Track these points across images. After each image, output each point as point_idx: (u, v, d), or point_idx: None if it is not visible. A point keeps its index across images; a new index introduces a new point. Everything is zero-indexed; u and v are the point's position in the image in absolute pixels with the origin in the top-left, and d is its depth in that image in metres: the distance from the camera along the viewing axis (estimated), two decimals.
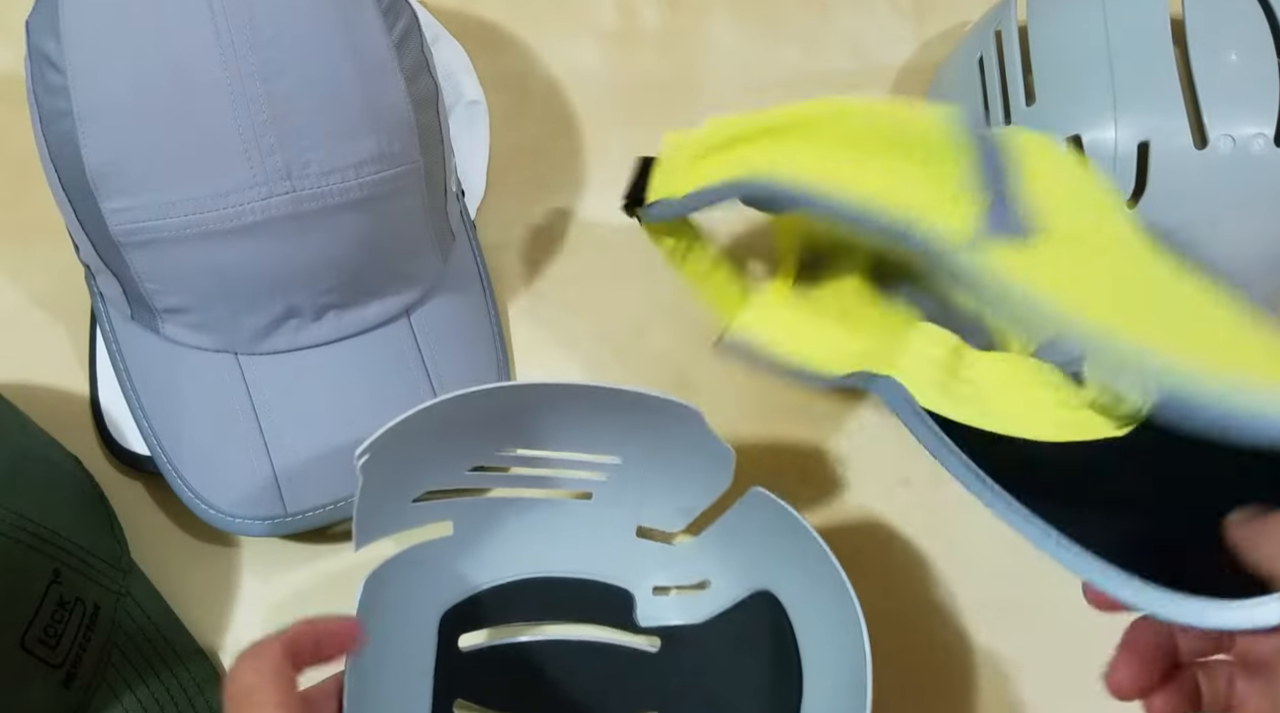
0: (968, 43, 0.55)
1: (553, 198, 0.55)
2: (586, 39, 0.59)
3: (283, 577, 0.46)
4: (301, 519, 0.43)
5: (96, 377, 0.47)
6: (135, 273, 0.42)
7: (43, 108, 0.40)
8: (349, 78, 0.41)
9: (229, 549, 0.47)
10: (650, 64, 0.59)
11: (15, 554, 0.39)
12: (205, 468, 0.43)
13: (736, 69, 0.59)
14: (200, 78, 0.39)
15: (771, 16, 0.61)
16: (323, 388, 0.44)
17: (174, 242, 0.40)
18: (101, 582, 0.42)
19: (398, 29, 0.42)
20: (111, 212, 0.40)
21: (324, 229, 0.41)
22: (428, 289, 0.47)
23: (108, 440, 0.47)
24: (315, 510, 0.43)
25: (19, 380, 0.49)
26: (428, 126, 0.44)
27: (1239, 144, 0.44)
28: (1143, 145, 0.45)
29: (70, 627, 0.40)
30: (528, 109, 0.57)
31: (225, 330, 0.43)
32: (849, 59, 0.60)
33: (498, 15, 0.59)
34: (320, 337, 0.44)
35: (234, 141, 0.39)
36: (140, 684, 0.42)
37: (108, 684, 0.41)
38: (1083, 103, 0.46)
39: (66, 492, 0.44)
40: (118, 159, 0.39)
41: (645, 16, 0.60)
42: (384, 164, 0.42)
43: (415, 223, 0.45)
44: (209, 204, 0.40)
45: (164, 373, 0.44)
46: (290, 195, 0.40)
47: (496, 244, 0.53)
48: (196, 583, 0.46)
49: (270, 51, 0.39)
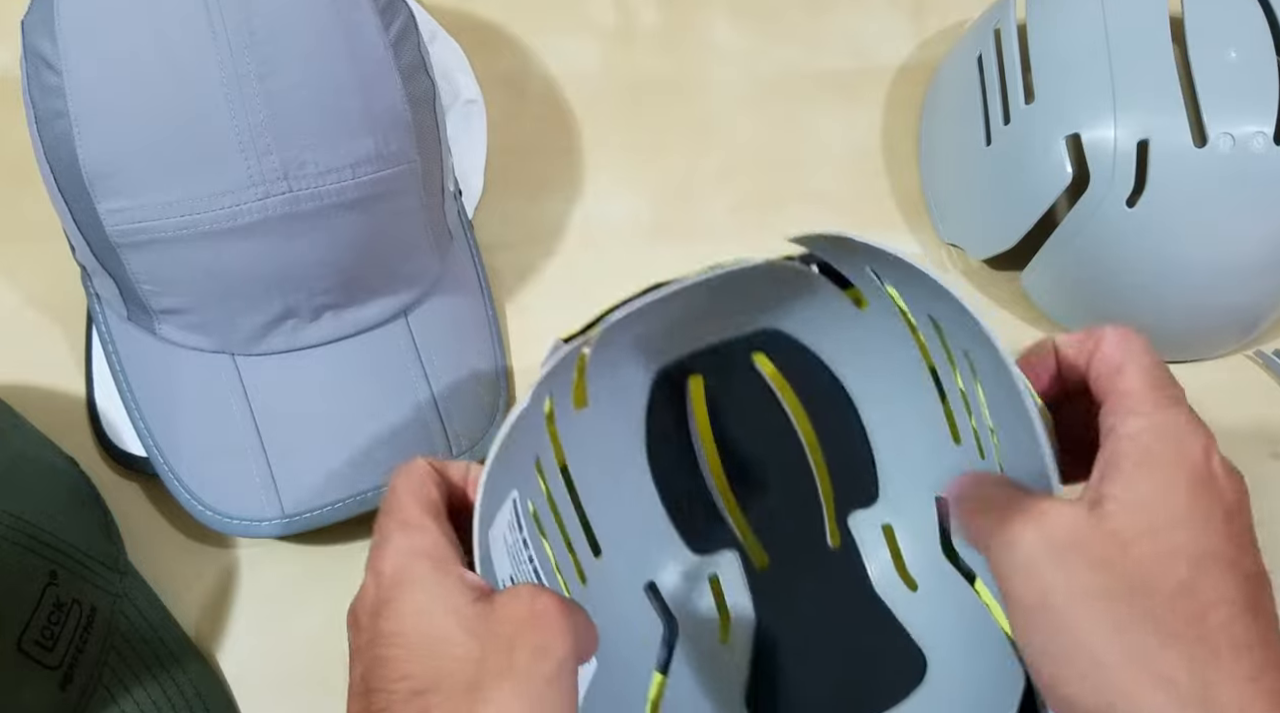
0: (967, 41, 0.55)
1: (551, 197, 0.55)
2: (584, 38, 0.59)
3: (281, 578, 0.46)
4: (299, 520, 0.43)
5: (93, 378, 0.47)
6: (131, 273, 0.42)
7: (38, 108, 0.40)
8: (346, 77, 0.40)
9: (226, 551, 0.47)
10: (649, 63, 0.59)
11: (11, 556, 0.38)
12: (202, 469, 0.43)
13: (735, 68, 0.59)
14: (196, 78, 0.39)
15: (770, 15, 0.60)
16: (320, 389, 0.44)
17: (171, 242, 0.40)
18: (98, 583, 0.42)
19: (394, 28, 0.42)
20: (108, 212, 0.40)
21: (321, 229, 0.41)
22: (425, 289, 0.47)
23: (104, 442, 0.47)
24: (312, 511, 0.43)
25: (15, 382, 0.49)
26: (425, 126, 0.44)
27: (1238, 142, 0.44)
28: (1142, 143, 0.45)
29: (67, 629, 0.40)
30: (525, 108, 0.57)
31: (222, 331, 0.43)
32: (848, 58, 0.60)
33: (495, 14, 0.59)
34: (318, 337, 0.44)
35: (230, 142, 0.39)
36: (137, 686, 0.42)
37: (104, 686, 0.41)
38: (1082, 101, 0.46)
39: (63, 493, 0.44)
40: (114, 159, 0.39)
41: (643, 15, 0.60)
42: (381, 164, 0.42)
43: (412, 223, 0.45)
44: (205, 204, 0.39)
45: (160, 374, 0.44)
46: (287, 195, 0.40)
47: (494, 244, 0.53)
48: (193, 585, 0.46)
49: (267, 51, 0.39)
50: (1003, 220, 0.50)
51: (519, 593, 0.30)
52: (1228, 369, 0.53)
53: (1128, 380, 0.30)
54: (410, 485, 0.33)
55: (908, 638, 0.40)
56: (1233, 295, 0.49)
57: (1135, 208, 0.46)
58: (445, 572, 0.31)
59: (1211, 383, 0.52)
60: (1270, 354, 0.52)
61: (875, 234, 0.32)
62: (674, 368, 0.39)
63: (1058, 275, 0.50)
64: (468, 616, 0.30)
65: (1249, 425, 0.51)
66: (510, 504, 0.35)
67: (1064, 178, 0.47)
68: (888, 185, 0.57)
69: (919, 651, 0.40)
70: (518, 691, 0.28)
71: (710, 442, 0.41)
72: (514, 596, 0.30)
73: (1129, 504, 0.28)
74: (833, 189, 0.56)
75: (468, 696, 0.28)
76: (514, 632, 0.29)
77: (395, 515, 0.32)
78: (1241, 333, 0.52)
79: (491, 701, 0.28)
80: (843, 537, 0.42)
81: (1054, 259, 0.49)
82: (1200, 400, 0.53)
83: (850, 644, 0.41)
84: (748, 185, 0.56)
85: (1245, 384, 0.52)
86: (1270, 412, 0.52)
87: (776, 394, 0.40)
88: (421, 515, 0.32)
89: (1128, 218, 0.46)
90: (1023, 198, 0.48)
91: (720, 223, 0.55)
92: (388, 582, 0.31)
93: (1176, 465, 0.28)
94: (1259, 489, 0.30)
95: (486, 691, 0.28)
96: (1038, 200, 0.48)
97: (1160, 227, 0.46)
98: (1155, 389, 0.30)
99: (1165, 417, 0.29)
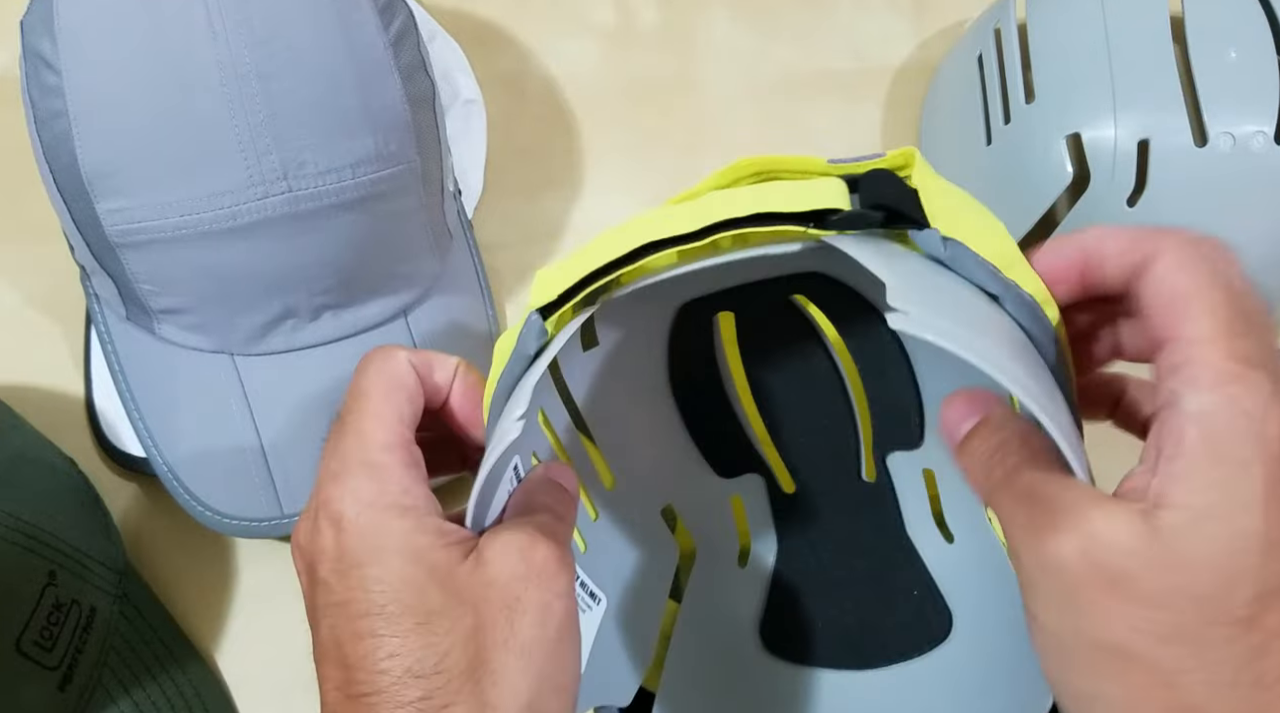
0: (967, 41, 0.55)
1: (550, 197, 0.55)
2: (584, 37, 0.59)
3: (280, 578, 0.46)
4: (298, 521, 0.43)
5: (92, 378, 0.47)
6: (131, 274, 0.42)
7: (38, 108, 0.40)
8: (346, 77, 0.40)
9: (225, 551, 0.47)
10: (648, 63, 0.59)
11: (10, 556, 0.38)
12: (201, 469, 0.43)
13: (734, 68, 0.59)
14: (196, 77, 0.38)
15: (769, 15, 0.60)
16: (319, 389, 0.44)
17: (170, 242, 0.40)
18: (98, 584, 0.42)
19: (394, 27, 0.42)
20: (107, 212, 0.40)
21: (321, 229, 0.41)
22: (425, 289, 0.47)
23: (103, 442, 0.47)
24: None
25: (14, 382, 0.49)
26: (424, 126, 0.44)
27: (1239, 142, 0.44)
28: (1142, 143, 0.45)
29: (66, 629, 0.40)
30: (525, 108, 0.57)
31: (221, 331, 0.43)
32: (847, 58, 0.60)
33: (495, 13, 0.59)
34: (317, 337, 0.44)
35: (230, 141, 0.39)
36: (136, 687, 0.42)
37: (104, 687, 0.41)
38: (1082, 100, 0.46)
39: (62, 494, 0.44)
40: (113, 159, 0.39)
41: (643, 15, 0.60)
42: (380, 164, 0.42)
43: (412, 223, 0.45)
44: (205, 204, 0.39)
45: (160, 374, 0.44)
46: (287, 195, 0.40)
47: (494, 244, 0.53)
48: (192, 585, 0.46)
49: (266, 50, 0.39)
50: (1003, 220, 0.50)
51: (510, 546, 0.27)
52: None
53: (1195, 326, 0.23)
54: (383, 389, 0.29)
55: (936, 592, 0.37)
56: None
57: (1136, 207, 0.45)
58: (422, 527, 0.27)
59: None
60: None
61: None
62: (698, 303, 0.37)
63: None
64: (456, 578, 0.26)
65: None
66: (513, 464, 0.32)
67: (1064, 177, 0.47)
68: None
69: (946, 608, 0.37)
70: (524, 664, 0.26)
71: (741, 375, 0.39)
72: (505, 549, 0.27)
73: (1198, 515, 0.22)
74: None
75: (471, 676, 0.25)
76: (510, 593, 0.26)
77: (357, 437, 0.28)
78: None
79: (499, 680, 0.25)
80: (879, 473, 0.39)
81: None
82: None
83: (873, 585, 0.39)
84: None
85: None
86: None
87: (819, 331, 0.37)
88: (388, 447, 0.28)
89: (1128, 217, 0.46)
90: (1023, 197, 0.48)
91: None
92: (354, 539, 0.27)
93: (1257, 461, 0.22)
94: None
95: (491, 667, 0.26)
96: (1038, 200, 0.48)
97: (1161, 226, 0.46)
98: (1231, 340, 0.23)
99: (1242, 389, 0.22)
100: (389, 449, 0.28)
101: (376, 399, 0.29)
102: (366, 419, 0.29)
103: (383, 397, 0.29)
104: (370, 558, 0.27)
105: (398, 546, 0.27)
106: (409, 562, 0.27)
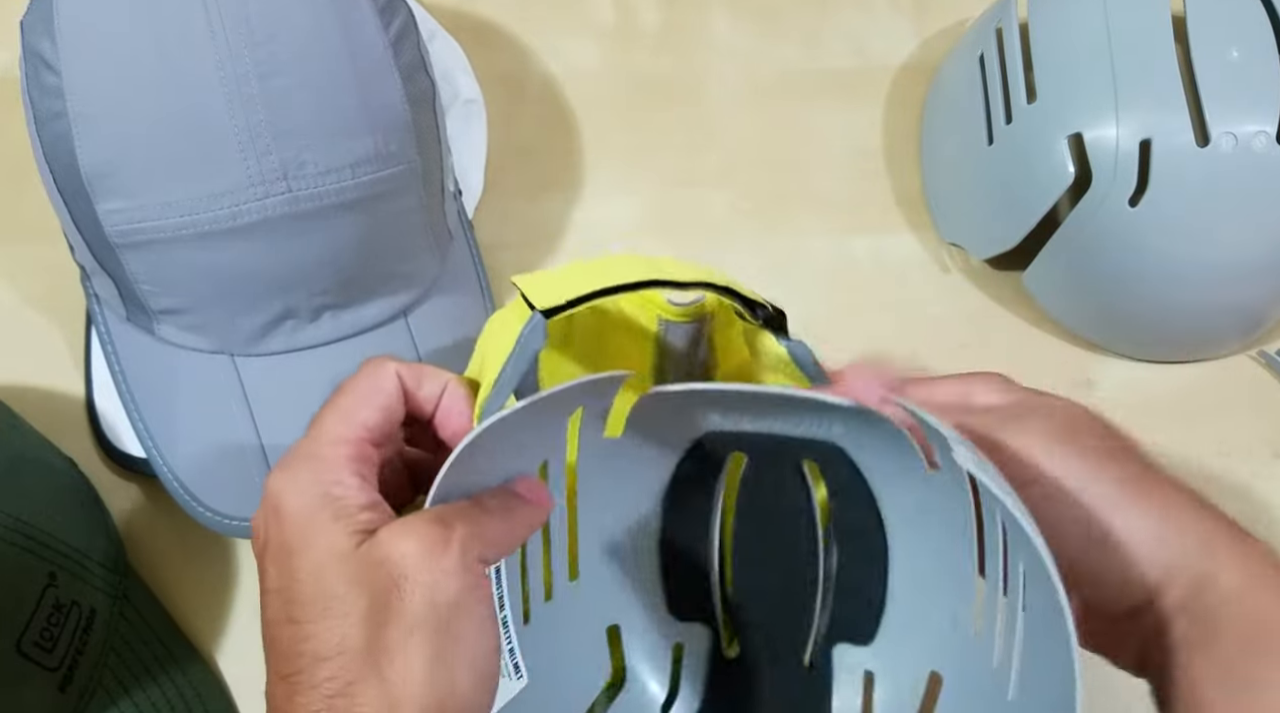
0: (968, 40, 0.55)
1: (551, 197, 0.55)
2: (584, 37, 0.59)
3: None
4: None
5: (92, 379, 0.47)
6: (131, 274, 0.42)
7: (37, 108, 0.40)
8: (345, 77, 0.40)
9: (225, 552, 0.47)
10: (648, 62, 0.59)
11: (10, 557, 0.38)
12: (201, 470, 0.43)
13: (735, 67, 0.59)
14: (196, 77, 0.38)
15: (770, 14, 0.60)
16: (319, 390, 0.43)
17: (170, 242, 0.40)
18: (98, 585, 0.42)
19: (394, 27, 0.42)
20: (107, 212, 0.40)
21: (321, 229, 0.41)
22: (425, 289, 0.46)
23: (103, 443, 0.47)
24: None
25: (14, 382, 0.49)
26: (424, 126, 0.44)
27: (1240, 142, 0.44)
28: (1144, 143, 0.45)
29: (66, 630, 0.40)
30: (525, 108, 0.57)
31: (221, 332, 0.43)
32: (849, 57, 0.60)
33: (495, 13, 0.59)
34: (317, 338, 0.44)
35: (230, 142, 0.39)
36: (137, 688, 0.42)
37: (104, 688, 0.41)
38: (1084, 100, 0.46)
39: (62, 495, 0.44)
40: (113, 160, 0.39)
41: (643, 15, 0.60)
42: (381, 164, 0.42)
43: (412, 223, 0.45)
44: (205, 205, 0.39)
45: (160, 375, 0.44)
46: (287, 196, 0.40)
47: (494, 244, 0.53)
48: (193, 586, 0.46)
49: (266, 51, 0.39)
50: (1005, 220, 0.50)
51: (407, 526, 0.28)
52: (1230, 369, 0.53)
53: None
54: (359, 392, 0.31)
55: None
56: (1235, 295, 0.49)
57: (1138, 207, 0.45)
58: (339, 514, 0.28)
59: (1214, 383, 0.52)
60: (1273, 354, 0.52)
61: (876, 235, 0.31)
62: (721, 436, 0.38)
63: (1060, 275, 0.50)
64: (353, 561, 0.28)
65: (1250, 425, 0.51)
66: None
67: (1066, 177, 0.47)
68: (888, 185, 0.56)
69: None
70: (418, 640, 0.27)
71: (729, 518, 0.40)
72: (401, 529, 0.28)
73: None
74: (833, 189, 0.56)
75: (369, 655, 0.27)
76: (398, 570, 0.27)
77: (315, 431, 0.30)
78: (1244, 333, 0.52)
79: (394, 658, 0.27)
80: (821, 662, 0.40)
81: (1056, 259, 0.49)
82: (1202, 400, 0.53)
83: None
84: (748, 185, 0.56)
85: (1247, 384, 0.52)
86: (1272, 412, 0.52)
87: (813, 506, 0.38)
88: (337, 442, 0.30)
89: (1130, 217, 0.46)
90: (1025, 197, 0.48)
91: (720, 222, 0.55)
92: (289, 528, 0.29)
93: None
94: (1260, 489, 0.30)
95: (386, 645, 0.27)
96: (1040, 200, 0.48)
97: (1163, 226, 0.46)
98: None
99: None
100: (336, 443, 0.30)
101: (347, 400, 0.31)
102: (329, 416, 0.31)
103: (355, 399, 0.31)
104: (299, 546, 0.28)
105: (318, 533, 0.28)
106: (323, 549, 0.28)
